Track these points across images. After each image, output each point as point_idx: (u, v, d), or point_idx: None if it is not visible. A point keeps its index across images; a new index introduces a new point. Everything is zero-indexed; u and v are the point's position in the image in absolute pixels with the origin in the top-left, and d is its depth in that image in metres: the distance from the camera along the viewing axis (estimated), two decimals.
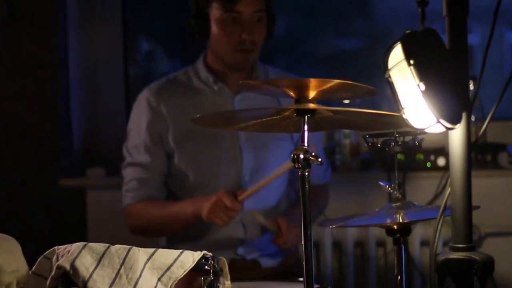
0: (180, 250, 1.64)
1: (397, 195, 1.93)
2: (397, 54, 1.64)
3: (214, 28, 2.66)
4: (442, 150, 3.20)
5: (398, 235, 1.90)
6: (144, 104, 2.76)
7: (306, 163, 1.69)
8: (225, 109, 2.69)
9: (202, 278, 1.64)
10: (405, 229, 1.90)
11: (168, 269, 1.61)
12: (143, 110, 2.76)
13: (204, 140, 2.73)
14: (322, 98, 1.79)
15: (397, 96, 1.65)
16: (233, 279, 1.69)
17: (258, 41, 2.67)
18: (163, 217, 2.70)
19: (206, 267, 1.64)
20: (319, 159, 1.69)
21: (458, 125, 1.67)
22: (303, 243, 1.68)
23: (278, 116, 1.82)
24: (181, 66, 2.99)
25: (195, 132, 2.72)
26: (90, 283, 1.57)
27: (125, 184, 2.77)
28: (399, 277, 1.92)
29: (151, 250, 1.63)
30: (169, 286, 1.60)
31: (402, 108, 1.65)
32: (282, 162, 2.77)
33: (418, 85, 1.61)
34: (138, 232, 2.77)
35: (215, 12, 2.65)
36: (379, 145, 1.91)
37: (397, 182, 1.93)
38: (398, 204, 1.92)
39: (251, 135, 2.73)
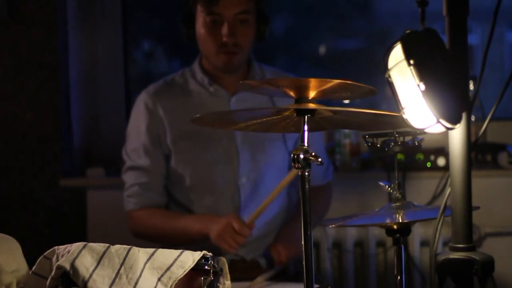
0: (180, 250, 1.64)
1: (397, 195, 1.93)
2: (397, 54, 1.64)
3: (199, 30, 2.67)
4: (442, 150, 3.20)
5: (398, 235, 1.90)
6: (142, 107, 2.77)
7: (306, 163, 1.68)
8: (221, 110, 2.69)
9: (202, 278, 1.64)
10: (405, 229, 1.90)
11: (168, 269, 1.61)
12: (141, 113, 2.77)
13: (201, 142, 2.73)
14: (322, 98, 1.79)
15: (397, 96, 1.65)
16: (233, 279, 1.69)
17: (242, 43, 2.66)
18: (167, 230, 2.71)
19: (206, 267, 1.63)
20: (319, 159, 1.68)
21: (458, 125, 1.67)
22: (303, 243, 1.68)
23: (278, 116, 1.82)
24: (180, 66, 3.00)
25: (192, 134, 2.72)
26: (90, 283, 1.57)
27: (127, 189, 2.77)
28: (399, 277, 1.92)
29: (151, 250, 1.63)
30: (169, 286, 1.60)
31: (402, 108, 1.65)
32: (279, 163, 2.78)
33: (418, 85, 1.61)
34: (140, 237, 2.77)
35: (199, 14, 2.66)
36: (379, 145, 1.91)
37: (397, 182, 1.93)
38: (398, 204, 1.92)
39: (248, 136, 2.73)
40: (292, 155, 1.69)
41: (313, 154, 1.68)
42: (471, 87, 2.93)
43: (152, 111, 2.75)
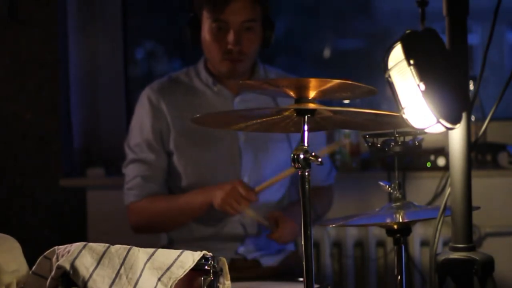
0: (180, 250, 1.64)
1: (397, 195, 1.93)
2: (397, 54, 1.64)
3: (204, 35, 2.67)
4: (442, 150, 3.20)
5: (398, 235, 1.90)
6: (146, 102, 2.77)
7: (306, 163, 1.69)
8: (224, 110, 2.69)
9: (202, 278, 1.64)
10: (405, 229, 1.90)
11: (168, 269, 1.61)
12: (145, 108, 2.77)
13: (203, 140, 2.73)
14: (322, 98, 1.79)
15: (397, 96, 1.65)
16: (233, 279, 1.69)
17: (247, 51, 2.66)
18: (170, 210, 2.70)
19: (206, 267, 1.64)
20: (319, 159, 1.68)
21: (458, 125, 1.67)
22: (303, 243, 1.68)
23: (278, 116, 1.82)
24: (181, 67, 3.00)
25: (194, 132, 2.72)
26: (90, 283, 1.57)
27: (128, 182, 2.76)
28: (399, 277, 1.92)
29: (151, 250, 1.63)
30: (169, 286, 1.60)
31: (402, 108, 1.65)
32: (281, 163, 2.78)
33: (418, 85, 1.61)
34: (142, 230, 2.76)
35: (205, 20, 2.66)
36: (379, 145, 1.91)
37: (397, 182, 1.93)
38: (398, 204, 1.92)
39: (251, 136, 2.73)
40: (292, 155, 1.69)
41: (313, 154, 1.68)
42: (471, 87, 2.94)
43: (156, 107, 2.76)
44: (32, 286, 1.68)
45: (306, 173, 1.69)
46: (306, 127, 1.72)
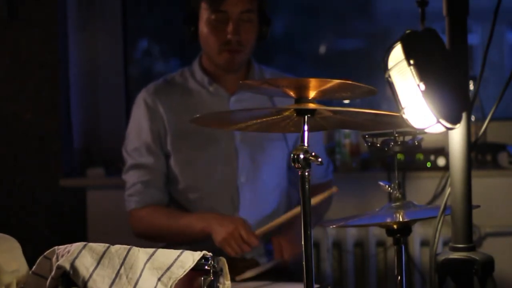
0: (180, 250, 1.64)
1: (397, 195, 1.93)
2: (397, 54, 1.64)
3: (202, 28, 2.67)
4: (442, 150, 3.20)
5: (398, 235, 1.90)
6: (142, 105, 2.77)
7: (306, 163, 1.69)
8: (221, 110, 2.69)
9: (202, 278, 1.64)
10: (405, 229, 1.90)
11: (168, 269, 1.61)
12: (142, 111, 2.77)
13: (199, 141, 2.73)
14: (322, 98, 1.79)
15: (397, 96, 1.65)
16: (233, 279, 1.69)
17: (245, 42, 2.67)
18: (170, 228, 2.70)
19: (206, 267, 1.64)
20: (319, 159, 1.68)
21: (458, 125, 1.67)
22: (303, 243, 1.68)
23: (278, 116, 1.82)
24: (180, 66, 3.00)
25: (191, 133, 2.72)
26: (90, 283, 1.57)
27: (128, 188, 2.76)
28: (399, 277, 1.92)
29: (151, 250, 1.63)
30: (169, 286, 1.60)
31: (402, 108, 1.65)
32: (278, 162, 2.77)
33: (418, 85, 1.61)
34: (142, 237, 2.76)
35: (203, 12, 2.66)
36: (378, 145, 1.91)
37: (397, 182, 1.93)
38: (398, 204, 1.92)
39: (247, 136, 2.73)
40: (292, 155, 1.69)
41: (313, 154, 1.68)
42: (471, 87, 2.94)
43: (153, 109, 2.76)
44: (32, 286, 1.68)
45: (306, 173, 1.69)
46: (306, 127, 1.72)
